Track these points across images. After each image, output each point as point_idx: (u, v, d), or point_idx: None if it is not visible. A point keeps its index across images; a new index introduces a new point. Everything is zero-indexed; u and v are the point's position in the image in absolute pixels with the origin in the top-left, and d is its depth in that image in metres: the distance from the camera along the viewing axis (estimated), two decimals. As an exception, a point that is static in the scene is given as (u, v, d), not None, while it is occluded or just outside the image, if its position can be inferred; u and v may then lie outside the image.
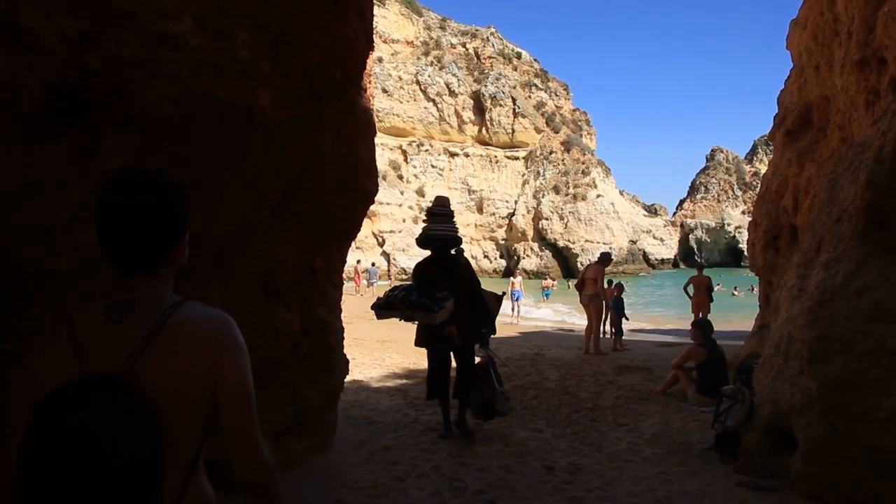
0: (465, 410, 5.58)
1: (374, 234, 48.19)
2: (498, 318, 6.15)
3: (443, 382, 5.56)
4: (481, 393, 5.50)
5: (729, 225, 69.86)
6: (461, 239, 5.89)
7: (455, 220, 5.90)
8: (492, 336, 5.95)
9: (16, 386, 1.24)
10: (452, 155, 56.73)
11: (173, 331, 1.21)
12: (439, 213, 5.67)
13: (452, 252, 5.82)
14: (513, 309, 18.32)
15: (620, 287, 12.61)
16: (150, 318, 1.22)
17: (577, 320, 18.51)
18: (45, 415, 1.07)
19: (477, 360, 5.73)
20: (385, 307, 5.14)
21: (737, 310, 18.19)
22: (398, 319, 5.23)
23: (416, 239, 5.80)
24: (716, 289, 14.21)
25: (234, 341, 1.27)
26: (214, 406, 1.24)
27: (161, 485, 1.12)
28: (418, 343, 5.73)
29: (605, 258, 11.20)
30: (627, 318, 12.23)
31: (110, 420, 1.07)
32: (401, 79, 55.18)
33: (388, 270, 38.15)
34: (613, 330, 11.81)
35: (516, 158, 58.83)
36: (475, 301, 5.53)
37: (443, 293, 5.04)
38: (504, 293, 6.40)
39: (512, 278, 20.64)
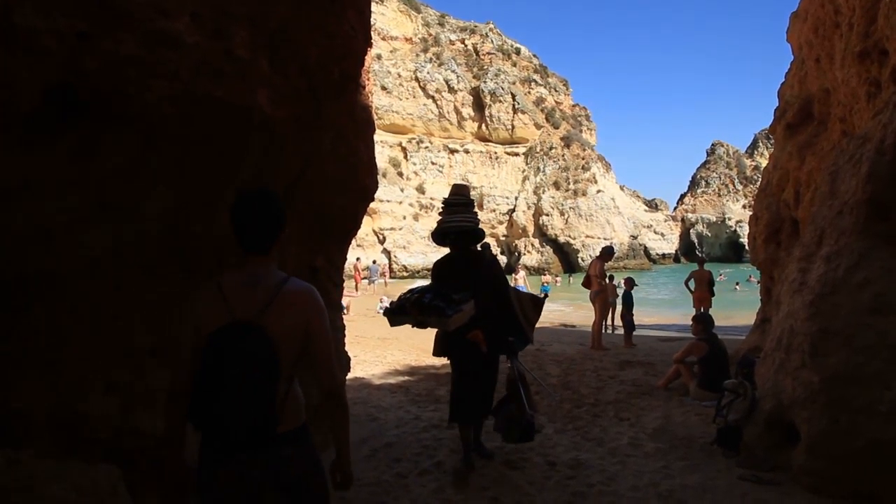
0: (479, 430, 4.90)
1: (374, 231, 48.14)
2: (544, 326, 5.27)
3: (470, 404, 4.66)
4: (508, 410, 4.68)
5: (730, 219, 69.68)
6: (483, 231, 4.98)
7: (475, 210, 5.00)
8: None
9: (186, 318, 2.22)
10: (452, 151, 56.62)
11: (283, 297, 1.98)
12: (456, 202, 4.83)
13: (478, 248, 5.04)
14: None
15: (631, 282, 12.39)
16: (269, 287, 1.99)
17: (579, 317, 18.50)
18: (213, 343, 1.90)
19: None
20: (397, 312, 4.49)
21: (738, 307, 18.08)
22: (411, 326, 4.50)
23: (432, 233, 5.05)
24: (718, 279, 14.17)
25: (320, 305, 2.06)
26: (305, 344, 2.01)
27: (277, 387, 1.90)
28: (437, 352, 4.90)
29: (604, 252, 11.17)
30: (631, 314, 12.10)
31: (249, 348, 1.87)
32: (400, 76, 55.04)
33: (389, 268, 38.08)
34: (623, 325, 11.56)
35: (516, 154, 58.69)
36: (501, 304, 4.72)
37: (461, 294, 4.31)
38: (546, 296, 5.67)
39: (514, 274, 20.26)
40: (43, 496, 2.26)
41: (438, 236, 4.91)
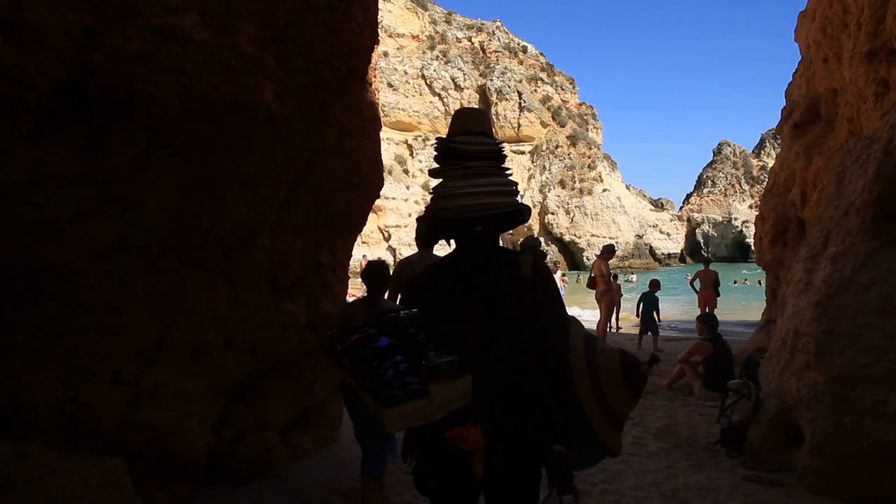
0: None
1: (379, 228, 48.21)
2: None
3: None
4: None
5: (736, 219, 69.35)
6: (528, 209, 2.25)
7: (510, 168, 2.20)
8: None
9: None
10: (458, 149, 56.58)
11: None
12: (479, 150, 2.06)
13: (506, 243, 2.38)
14: None
15: (657, 284, 11.95)
16: (428, 261, 3.32)
17: (585, 315, 18.43)
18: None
19: None
20: (329, 351, 2.07)
21: (738, 311, 17.72)
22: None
23: (421, 219, 2.48)
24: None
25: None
26: None
27: None
28: (405, 449, 2.18)
29: (605, 251, 11.14)
30: (659, 320, 11.50)
31: None
32: (406, 73, 55.11)
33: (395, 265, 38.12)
34: (651, 329, 11.05)
35: (522, 153, 58.66)
36: (554, 369, 2.04)
37: (445, 360, 1.86)
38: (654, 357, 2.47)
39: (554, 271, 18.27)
40: (51, 488, 2.28)
41: (443, 228, 2.15)
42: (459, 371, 1.87)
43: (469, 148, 2.03)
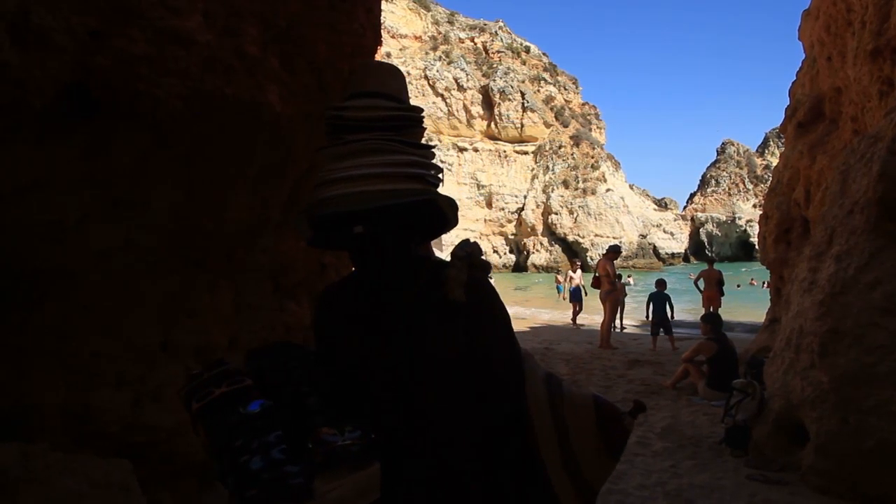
0: None
1: (383, 229, 48.22)
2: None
3: None
4: None
5: (740, 219, 69.13)
6: (450, 202, 1.32)
7: (429, 143, 1.56)
8: None
9: None
10: (461, 150, 56.65)
11: None
12: (363, 119, 1.29)
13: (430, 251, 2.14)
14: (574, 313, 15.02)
15: (663, 283, 11.75)
16: None
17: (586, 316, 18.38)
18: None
19: None
20: (186, 409, 1.61)
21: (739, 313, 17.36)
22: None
23: (299, 217, 1.33)
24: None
25: None
26: None
27: None
28: None
29: (610, 251, 11.13)
30: (672, 317, 11.29)
31: None
32: (409, 74, 55.09)
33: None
34: (664, 329, 10.80)
35: (525, 153, 58.64)
36: (509, 432, 1.39)
37: (343, 441, 1.58)
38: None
39: (563, 273, 15.73)
40: (57, 488, 2.29)
41: (319, 232, 1.32)
42: (363, 457, 1.30)
43: (356, 115, 1.31)
